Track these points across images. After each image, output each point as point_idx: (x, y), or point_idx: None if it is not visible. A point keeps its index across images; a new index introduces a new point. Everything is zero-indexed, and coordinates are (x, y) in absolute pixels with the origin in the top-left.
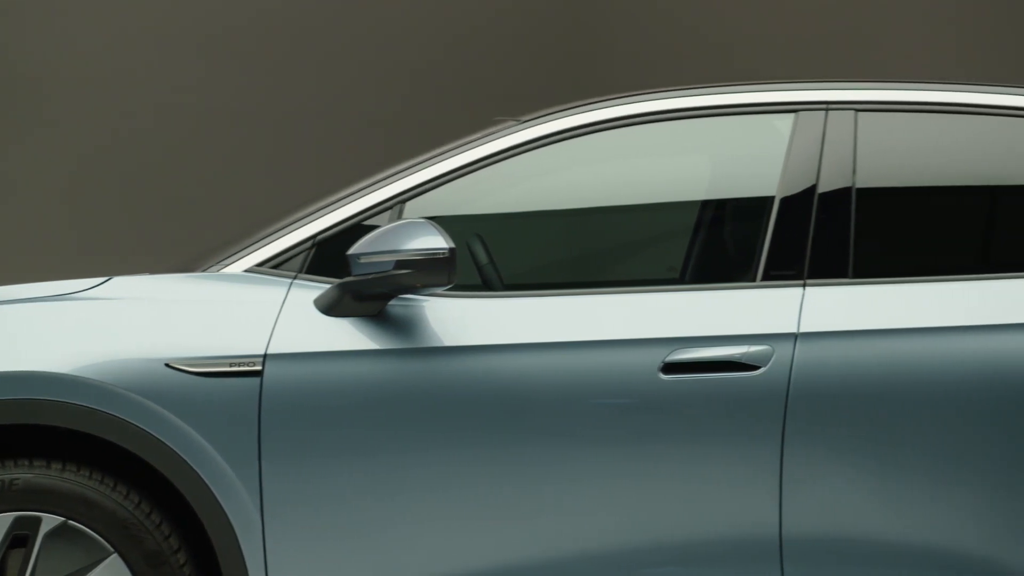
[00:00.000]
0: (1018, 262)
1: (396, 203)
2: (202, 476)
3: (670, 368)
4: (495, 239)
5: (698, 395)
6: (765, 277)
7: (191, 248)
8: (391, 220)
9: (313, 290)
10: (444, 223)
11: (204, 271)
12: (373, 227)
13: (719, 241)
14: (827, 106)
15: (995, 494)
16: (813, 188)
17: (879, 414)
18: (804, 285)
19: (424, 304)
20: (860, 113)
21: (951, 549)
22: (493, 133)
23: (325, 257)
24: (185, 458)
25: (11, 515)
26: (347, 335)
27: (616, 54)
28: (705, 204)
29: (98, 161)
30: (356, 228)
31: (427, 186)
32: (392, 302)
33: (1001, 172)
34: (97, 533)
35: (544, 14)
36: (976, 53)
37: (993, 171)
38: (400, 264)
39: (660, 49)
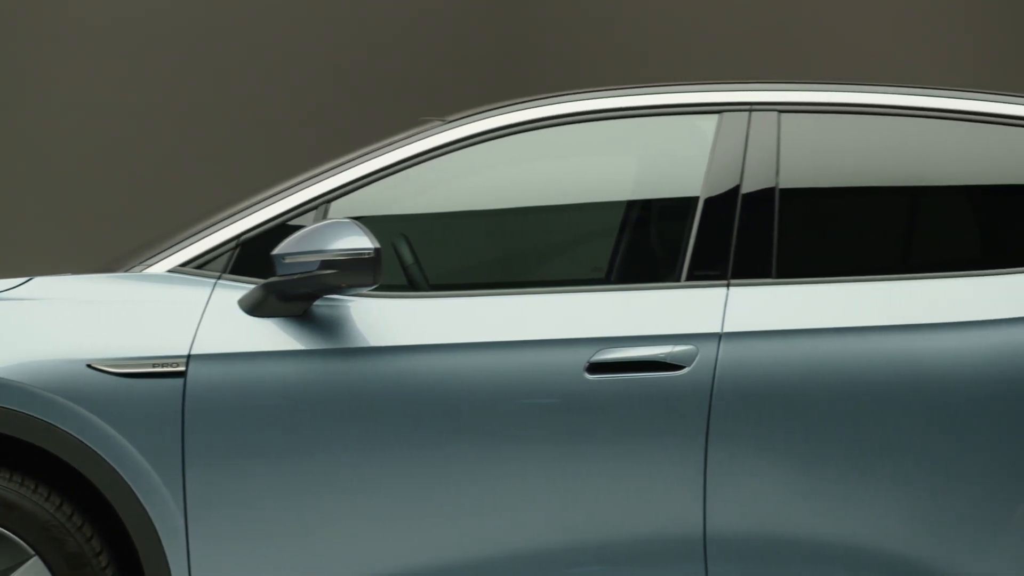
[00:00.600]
0: (938, 262)
1: (321, 203)
2: (125, 478)
3: (595, 368)
4: (421, 239)
5: (623, 395)
6: (689, 277)
7: (114, 248)
8: (316, 220)
9: (237, 290)
10: (369, 223)
11: (127, 271)
12: (298, 227)
13: (644, 241)
14: (750, 107)
15: (916, 493)
16: (737, 189)
17: (802, 413)
18: (728, 285)
19: (349, 304)
20: (783, 114)
21: (873, 548)
22: (419, 133)
23: (249, 257)
24: (107, 460)
25: None
26: (272, 335)
27: (542, 55)
28: (630, 204)
29: (18, 161)
30: (281, 228)
31: (352, 186)
32: (317, 302)
33: (922, 173)
34: (18, 536)
35: (471, 14)
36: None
37: (914, 172)
38: (325, 264)
39: (586, 50)
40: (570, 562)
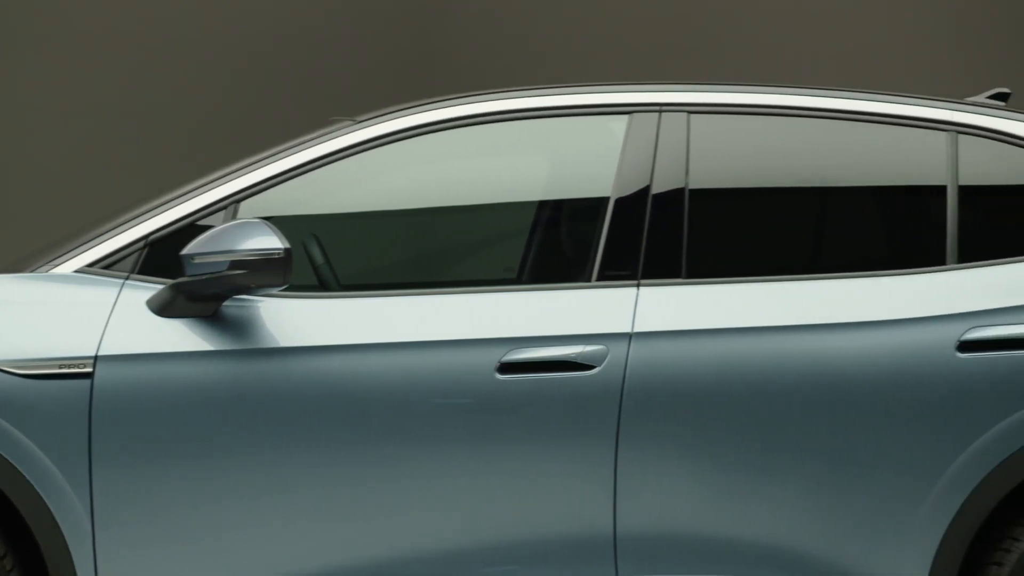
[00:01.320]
0: (844, 262)
1: (231, 203)
2: (30, 481)
3: (506, 368)
4: (331, 239)
5: (534, 395)
6: (600, 277)
7: (19, 249)
8: (225, 220)
9: (146, 291)
10: (279, 223)
11: (32, 271)
12: (207, 227)
13: (555, 241)
14: (660, 108)
15: (822, 492)
16: (647, 189)
17: (711, 413)
18: (638, 285)
19: (259, 304)
20: (692, 115)
21: (781, 547)
22: (329, 133)
23: (158, 257)
24: (12, 462)
25: None
26: (181, 336)
27: (454, 55)
28: (541, 205)
29: None
30: (190, 228)
31: (262, 186)
32: (227, 303)
33: (829, 174)
34: None
35: (382, 14)
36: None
37: (821, 173)
38: (234, 264)
39: (497, 50)
40: (482, 562)
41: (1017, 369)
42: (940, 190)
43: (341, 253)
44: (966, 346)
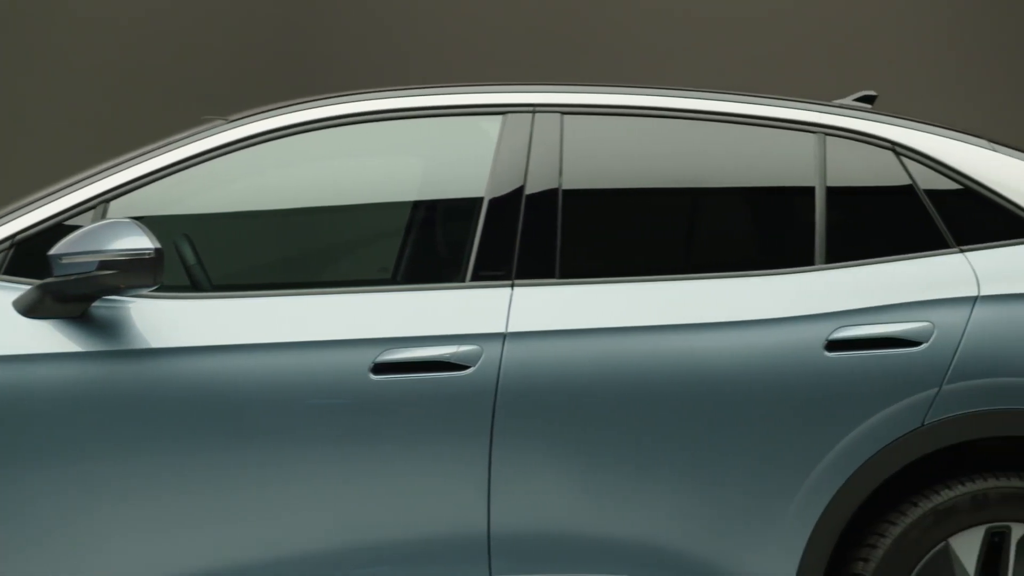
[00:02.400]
0: (717, 262)
1: (100, 202)
2: None
3: (380, 368)
4: (203, 239)
5: (408, 395)
6: (474, 278)
7: None
8: (95, 220)
9: (12, 291)
10: (150, 223)
11: None
12: (76, 227)
13: (430, 242)
14: (534, 109)
15: (696, 490)
16: (520, 190)
17: (585, 412)
18: (512, 285)
19: (129, 305)
20: (566, 116)
21: (655, 545)
22: (201, 132)
23: (25, 257)
24: None
25: None
26: (49, 337)
27: (327, 55)
28: (416, 205)
29: None
30: (58, 228)
31: (132, 185)
32: (96, 303)
33: (703, 175)
34: None
35: (256, 13)
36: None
37: (695, 174)
38: (103, 265)
39: (372, 50)
40: (358, 562)
41: (882, 367)
42: (809, 191)
43: (213, 253)
44: (834, 345)
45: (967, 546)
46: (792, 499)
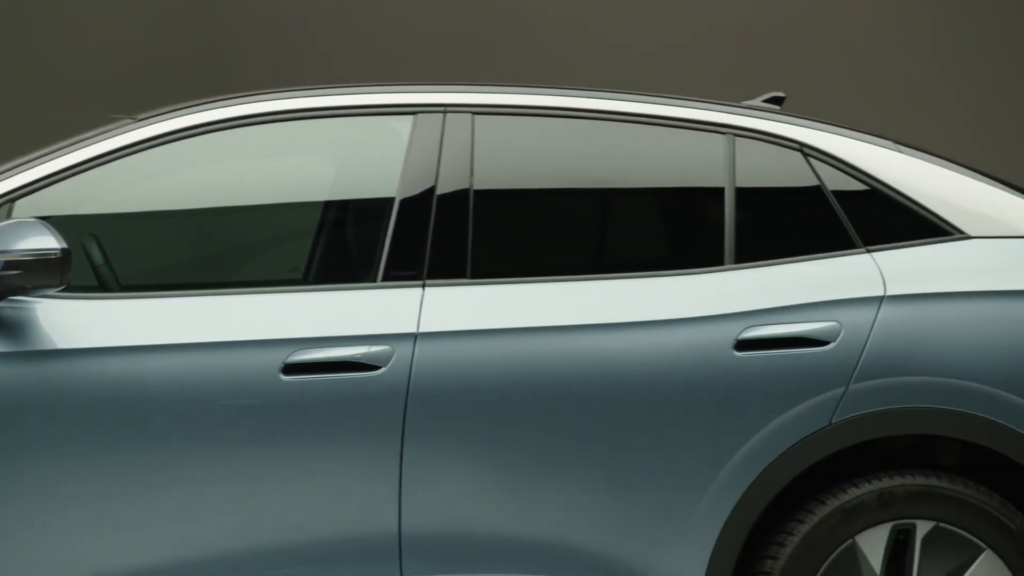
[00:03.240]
0: (629, 262)
1: (5, 202)
2: None
3: (291, 369)
4: (112, 239)
5: (319, 395)
6: (386, 278)
7: None
8: (0, 219)
9: None
10: (57, 223)
11: None
12: None
13: (341, 242)
14: (445, 109)
15: (607, 489)
16: (432, 190)
17: (497, 413)
18: (424, 286)
19: (36, 306)
20: (477, 116)
21: (566, 545)
22: (109, 131)
23: None
24: None
25: None
26: None
27: (238, 54)
28: (327, 205)
29: None
30: None
31: (39, 184)
32: (1, 304)
33: (614, 176)
34: None
35: (165, 11)
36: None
37: (607, 175)
38: (9, 265)
39: (283, 49)
40: (271, 563)
41: (791, 367)
42: (718, 192)
43: (122, 253)
44: (743, 345)
45: (873, 543)
46: (702, 498)
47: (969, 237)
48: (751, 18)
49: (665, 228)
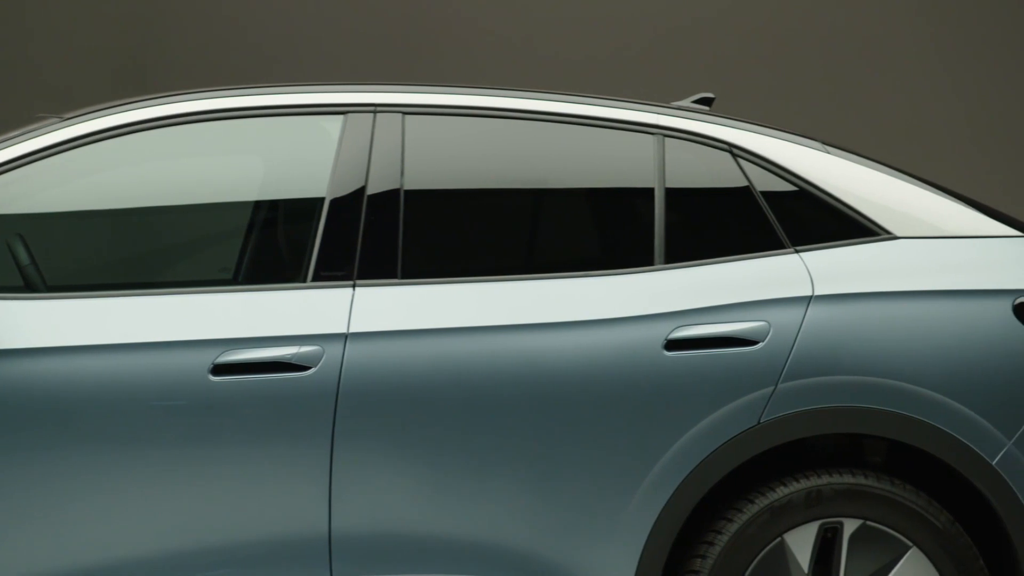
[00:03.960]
0: (560, 263)
1: None
2: None
3: (220, 369)
4: (38, 239)
5: (249, 396)
6: (316, 278)
7: None
8: None
9: None
10: None
11: None
12: None
13: (271, 242)
14: (375, 109)
15: (540, 490)
16: (362, 190)
17: (428, 413)
18: (354, 286)
19: None
20: (407, 116)
21: (499, 545)
22: (34, 130)
23: None
24: None
25: None
26: None
27: (168, 53)
28: (257, 205)
29: None
30: None
31: None
32: None
33: (545, 176)
34: None
35: (93, 10)
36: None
37: (538, 175)
38: None
39: (212, 48)
40: (201, 565)
41: (720, 366)
42: (648, 192)
43: (48, 253)
44: (673, 344)
45: (801, 542)
46: (632, 497)
47: (896, 237)
48: (680, 20)
49: (596, 228)
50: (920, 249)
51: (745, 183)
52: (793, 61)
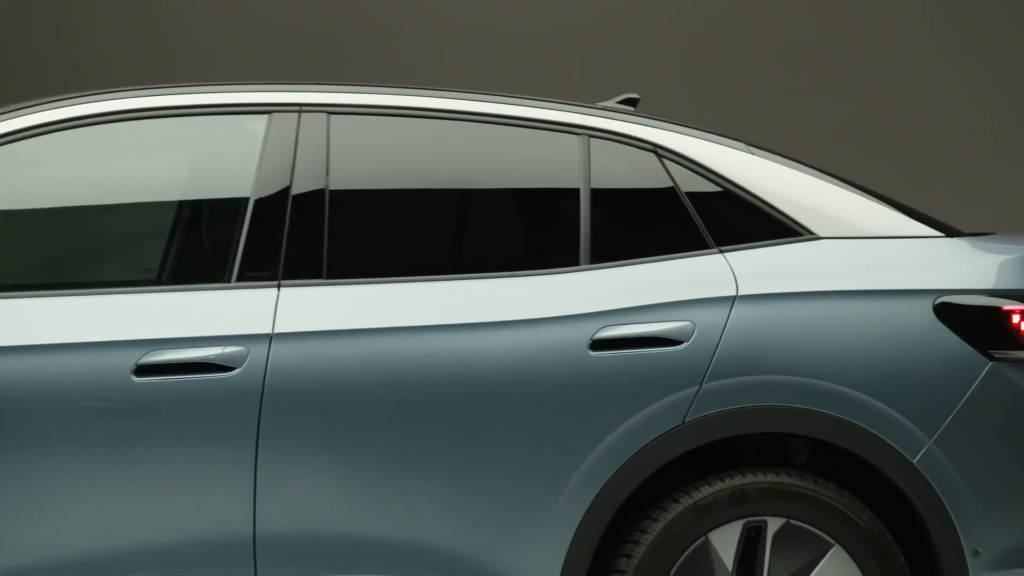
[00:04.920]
0: (486, 263)
1: None
2: None
3: (143, 370)
4: None
5: (173, 397)
6: (240, 278)
7: None
8: None
9: None
10: None
11: None
12: None
13: (195, 242)
14: (300, 108)
15: (466, 490)
16: (287, 190)
17: (354, 413)
18: (279, 286)
19: None
20: (332, 116)
21: (424, 545)
22: None
23: None
24: None
25: None
26: None
27: (87, 51)
28: (181, 205)
29: None
30: None
31: None
32: None
33: (471, 176)
34: None
35: (12, 6)
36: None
37: (463, 175)
38: None
39: (134, 47)
40: (124, 567)
41: (645, 366)
42: (574, 193)
43: None
44: (598, 344)
45: (725, 541)
46: (558, 497)
47: (819, 238)
48: (605, 20)
49: (522, 228)
50: (843, 249)
51: (670, 184)
52: (717, 62)
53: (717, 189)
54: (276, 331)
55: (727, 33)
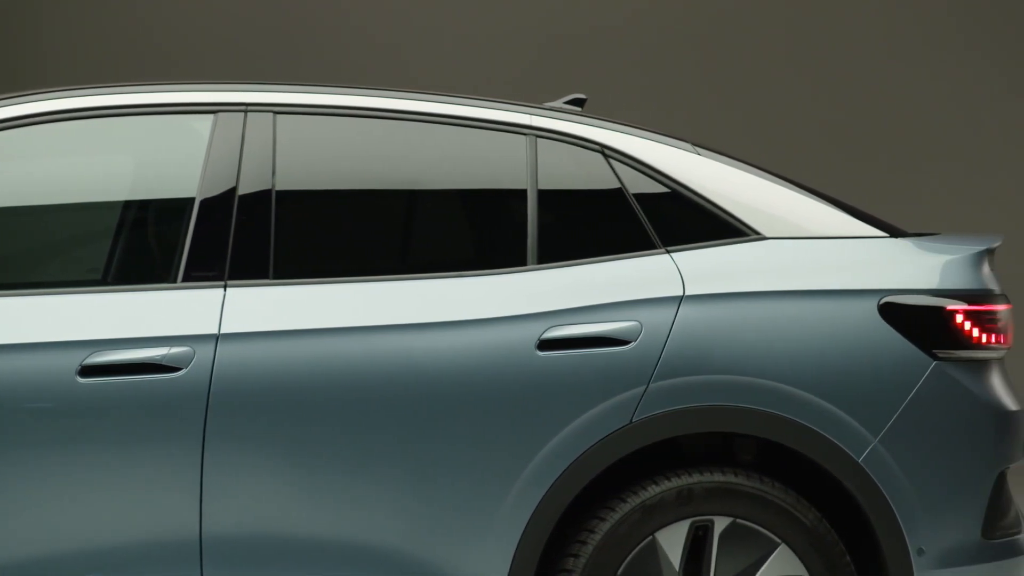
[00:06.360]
0: (434, 263)
1: None
2: None
3: (88, 371)
4: None
5: (118, 398)
6: (186, 278)
7: None
8: None
9: None
10: None
11: None
12: None
13: (141, 242)
14: (246, 108)
15: (411, 491)
16: (233, 190)
17: (301, 414)
18: (225, 286)
19: None
20: (279, 115)
21: (370, 546)
22: None
23: None
24: None
25: None
26: None
27: (32, 50)
28: (126, 205)
29: None
30: None
31: None
32: None
33: (418, 176)
34: None
35: None
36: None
37: (410, 175)
38: None
39: (78, 47)
40: (70, 569)
41: (592, 366)
42: (521, 193)
43: None
44: (545, 344)
45: (673, 540)
46: (505, 497)
47: (764, 238)
48: (553, 21)
49: (469, 229)
50: (788, 249)
51: (617, 184)
52: (664, 62)
53: (664, 189)
54: (222, 331)
55: (674, 34)
